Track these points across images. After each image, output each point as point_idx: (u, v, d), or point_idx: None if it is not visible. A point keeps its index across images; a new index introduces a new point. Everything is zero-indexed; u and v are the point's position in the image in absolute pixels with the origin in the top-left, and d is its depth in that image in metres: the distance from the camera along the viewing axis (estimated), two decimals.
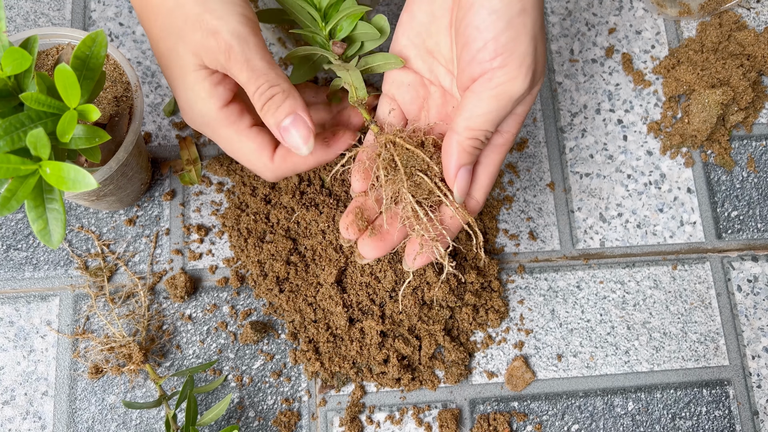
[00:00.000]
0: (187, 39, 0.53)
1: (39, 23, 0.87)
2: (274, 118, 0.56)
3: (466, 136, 0.56)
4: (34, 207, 0.50)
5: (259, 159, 0.59)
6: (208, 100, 0.55)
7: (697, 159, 0.88)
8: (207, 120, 0.57)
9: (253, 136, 0.58)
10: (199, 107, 0.56)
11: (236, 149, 0.59)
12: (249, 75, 0.55)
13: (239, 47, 0.54)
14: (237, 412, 0.77)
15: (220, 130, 0.57)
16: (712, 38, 0.90)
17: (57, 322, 0.78)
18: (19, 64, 0.49)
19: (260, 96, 0.55)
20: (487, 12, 0.51)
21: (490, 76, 0.53)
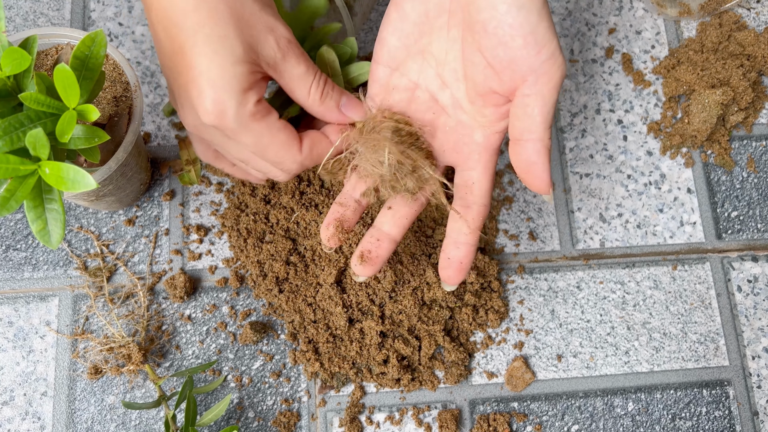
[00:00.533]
0: (245, 31, 0.54)
1: (38, 23, 0.87)
2: (334, 100, 0.60)
3: (548, 137, 0.55)
4: (34, 207, 0.50)
5: (289, 151, 0.59)
6: (248, 93, 0.55)
7: (697, 159, 0.88)
8: (242, 113, 0.55)
9: (283, 127, 0.58)
10: (238, 99, 0.55)
11: (267, 144, 0.58)
12: (307, 66, 0.57)
13: (295, 42, 0.56)
14: (236, 413, 0.77)
15: (252, 124, 0.56)
16: (712, 38, 0.90)
17: (56, 323, 0.78)
18: (18, 64, 0.49)
19: (318, 82, 0.58)
20: (517, 8, 0.51)
21: (543, 71, 0.52)
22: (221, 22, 0.52)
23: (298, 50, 0.57)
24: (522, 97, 0.54)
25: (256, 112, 0.55)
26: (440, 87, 0.60)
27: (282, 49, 0.55)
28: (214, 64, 0.53)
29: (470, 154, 0.60)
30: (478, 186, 0.60)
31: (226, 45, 0.53)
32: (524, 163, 0.55)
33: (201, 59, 0.53)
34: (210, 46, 0.53)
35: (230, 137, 0.57)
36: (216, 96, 0.53)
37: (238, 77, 0.53)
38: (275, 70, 0.56)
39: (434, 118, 0.61)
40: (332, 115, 0.60)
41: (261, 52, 0.54)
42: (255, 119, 0.55)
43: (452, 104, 0.60)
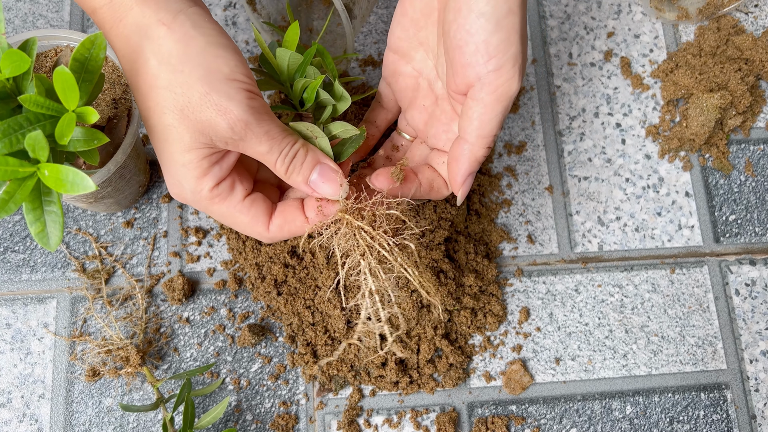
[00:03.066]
0: (192, 118, 0.51)
1: (37, 25, 0.87)
2: (301, 176, 0.57)
3: (480, 145, 0.57)
4: (32, 209, 0.50)
5: (254, 229, 0.59)
6: (202, 180, 0.55)
7: (695, 163, 0.88)
8: (199, 198, 0.56)
9: (246, 210, 0.58)
10: (192, 186, 0.55)
11: (231, 222, 0.59)
12: (270, 144, 0.54)
13: (256, 121, 0.53)
14: (234, 415, 0.77)
15: (212, 207, 0.57)
16: (710, 42, 0.90)
17: (54, 325, 0.78)
18: (18, 66, 0.48)
19: (283, 160, 0.56)
20: (476, 15, 0.52)
21: (488, 80, 0.54)
22: (166, 110, 0.52)
23: (259, 129, 0.54)
24: (468, 100, 0.56)
25: (214, 197, 0.56)
26: (435, 78, 0.64)
27: (238, 132, 0.52)
28: (165, 152, 0.54)
29: (447, 143, 0.64)
30: (444, 168, 0.64)
31: (173, 134, 0.52)
32: (452, 155, 0.59)
33: (155, 144, 0.54)
34: (158, 135, 0.53)
35: (202, 210, 0.59)
36: (172, 181, 0.55)
37: (188, 165, 0.54)
38: (236, 147, 0.54)
39: (429, 105, 0.65)
40: (301, 189, 0.58)
41: (214, 136, 0.53)
42: (214, 203, 0.56)
43: (442, 95, 0.64)
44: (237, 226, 0.59)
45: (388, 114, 0.70)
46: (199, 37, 0.51)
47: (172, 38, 0.50)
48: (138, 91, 0.53)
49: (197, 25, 0.51)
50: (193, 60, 0.51)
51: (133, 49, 0.52)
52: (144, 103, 0.53)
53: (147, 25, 0.51)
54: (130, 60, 0.52)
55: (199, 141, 0.52)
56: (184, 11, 0.52)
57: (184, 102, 0.51)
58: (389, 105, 0.69)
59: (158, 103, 0.52)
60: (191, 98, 0.51)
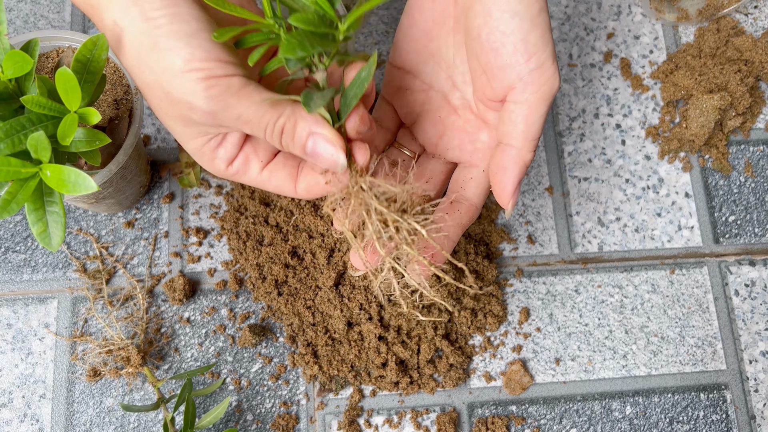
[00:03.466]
0: (172, 114, 0.50)
1: (39, 26, 0.87)
2: (298, 148, 0.52)
3: (528, 149, 0.54)
4: (34, 210, 0.50)
5: (282, 191, 0.56)
6: (214, 162, 0.54)
7: (695, 164, 0.89)
8: (222, 176, 0.56)
9: (266, 181, 0.56)
10: (211, 167, 0.55)
11: (258, 187, 0.58)
12: (250, 126, 0.51)
13: (222, 109, 0.49)
14: (235, 415, 0.77)
15: (237, 179, 0.56)
16: (710, 43, 0.90)
17: (55, 325, 0.78)
18: (20, 67, 0.49)
19: (271, 137, 0.51)
20: (509, 15, 0.50)
21: (530, 80, 0.52)
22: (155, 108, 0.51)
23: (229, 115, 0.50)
24: (509, 104, 0.53)
25: (233, 173, 0.55)
26: (451, 89, 0.60)
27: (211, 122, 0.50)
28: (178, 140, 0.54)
29: (474, 153, 0.59)
30: (475, 183, 0.59)
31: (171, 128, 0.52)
32: (496, 166, 0.55)
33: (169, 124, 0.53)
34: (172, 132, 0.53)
35: None
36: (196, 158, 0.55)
37: (196, 153, 0.54)
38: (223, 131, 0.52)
39: (445, 117, 0.60)
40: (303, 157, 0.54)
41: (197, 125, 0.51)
42: (236, 177, 0.55)
43: (462, 105, 0.60)
44: (265, 189, 0.58)
45: (387, 134, 0.65)
46: (151, 31, 0.48)
47: (126, 39, 0.48)
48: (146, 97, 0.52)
49: (147, 17, 0.47)
50: (147, 60, 0.48)
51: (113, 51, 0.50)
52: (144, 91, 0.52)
53: (108, 29, 0.49)
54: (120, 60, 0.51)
55: (190, 132, 0.52)
56: (136, 2, 0.48)
57: (158, 102, 0.50)
58: (389, 125, 0.64)
59: (149, 102, 0.51)
60: (161, 99, 0.49)
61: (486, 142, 0.59)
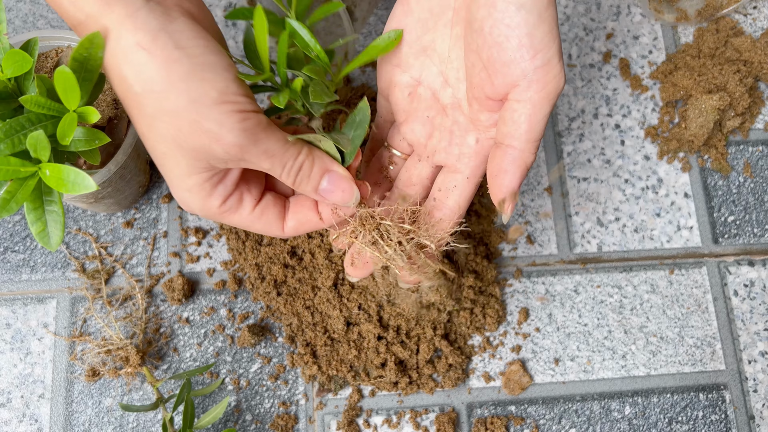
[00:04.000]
0: (187, 146, 0.49)
1: (38, 25, 0.87)
2: (310, 186, 0.54)
3: (530, 151, 0.52)
4: (34, 209, 0.50)
5: (268, 233, 0.57)
6: (208, 200, 0.52)
7: (694, 164, 0.89)
8: (209, 214, 0.54)
9: (257, 219, 0.55)
10: (200, 206, 0.53)
11: (247, 227, 0.57)
12: (271, 162, 0.51)
13: (252, 143, 0.49)
14: (234, 415, 0.77)
15: (224, 219, 0.55)
16: (709, 44, 0.91)
17: (54, 325, 0.78)
18: (19, 66, 0.49)
19: (288, 173, 0.52)
20: (515, 8, 0.48)
21: (535, 77, 0.49)
22: (159, 139, 0.49)
23: (257, 149, 0.50)
24: (511, 102, 0.51)
25: (224, 212, 0.53)
26: (442, 85, 0.57)
27: (234, 156, 0.49)
28: (167, 177, 0.52)
29: (460, 157, 0.57)
30: (458, 192, 0.58)
31: (170, 161, 0.50)
32: (495, 168, 0.53)
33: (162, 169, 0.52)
34: (157, 160, 0.51)
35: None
36: (180, 201, 0.53)
37: (192, 190, 0.51)
38: (236, 165, 0.51)
39: (433, 116, 0.58)
40: (314, 197, 0.56)
41: (211, 159, 0.50)
42: (224, 216, 0.54)
43: (452, 104, 0.57)
44: (252, 229, 0.57)
45: (384, 133, 0.64)
46: (184, 60, 0.47)
47: (153, 64, 0.46)
48: (130, 115, 0.50)
49: (180, 46, 0.47)
50: (178, 87, 0.47)
51: (117, 75, 0.48)
52: (138, 128, 0.50)
53: (125, 49, 0.46)
54: (117, 84, 0.49)
55: (197, 166, 0.50)
56: (166, 29, 0.47)
57: (175, 131, 0.48)
58: (388, 125, 0.63)
59: (150, 130, 0.49)
60: (181, 128, 0.48)
61: (473, 147, 0.57)
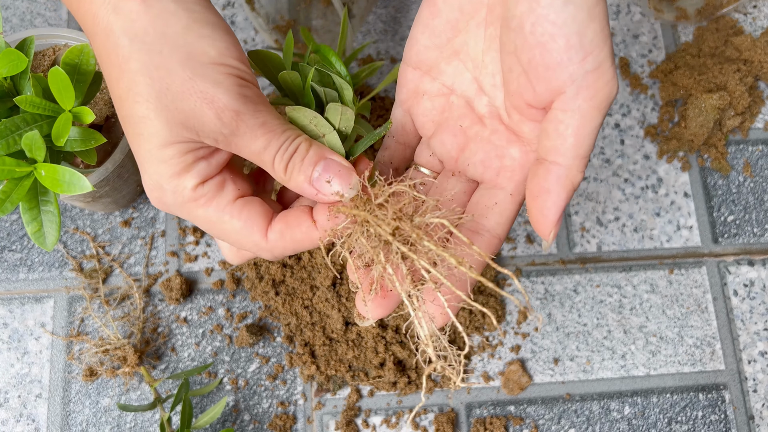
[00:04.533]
0: (172, 108, 0.43)
1: (35, 24, 0.86)
2: (303, 174, 0.46)
3: (578, 168, 0.45)
4: (29, 209, 0.50)
5: (248, 238, 0.48)
6: (183, 176, 0.46)
7: (694, 163, 0.88)
8: (181, 200, 0.46)
9: (237, 212, 0.47)
10: (172, 185, 0.46)
11: (220, 230, 0.48)
12: (268, 138, 0.45)
13: (249, 111, 0.45)
14: (232, 416, 0.77)
15: (196, 211, 0.47)
16: (709, 43, 0.90)
17: (51, 324, 0.78)
18: (15, 65, 0.48)
19: (282, 156, 0.46)
20: (562, 3, 0.41)
21: (585, 83, 0.43)
22: (140, 99, 0.44)
23: (254, 120, 0.45)
24: (556, 112, 0.44)
25: (198, 197, 0.46)
26: (477, 93, 0.51)
27: (228, 123, 0.44)
28: (141, 148, 0.46)
29: (501, 171, 0.50)
30: (499, 210, 0.49)
31: (148, 127, 0.44)
32: (536, 187, 0.46)
33: (129, 138, 0.46)
34: (132, 128, 0.45)
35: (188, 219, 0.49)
36: (149, 181, 0.46)
37: (167, 161, 0.45)
38: (226, 144, 0.45)
39: (468, 127, 0.51)
40: (304, 191, 0.47)
41: (200, 129, 0.44)
42: (198, 204, 0.47)
43: (489, 113, 0.50)
44: (227, 235, 0.48)
45: (407, 150, 0.55)
46: (182, 13, 0.43)
47: (147, 14, 0.43)
48: (108, 76, 0.45)
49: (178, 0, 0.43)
50: (174, 40, 0.43)
51: (102, 28, 0.44)
52: (115, 90, 0.45)
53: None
54: (98, 41, 0.45)
55: (182, 135, 0.44)
56: None
57: (162, 88, 0.43)
58: (408, 139, 0.54)
59: (130, 89, 0.44)
60: (170, 84, 0.43)
61: (517, 160, 0.49)
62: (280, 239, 0.48)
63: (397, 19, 0.90)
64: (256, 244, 0.48)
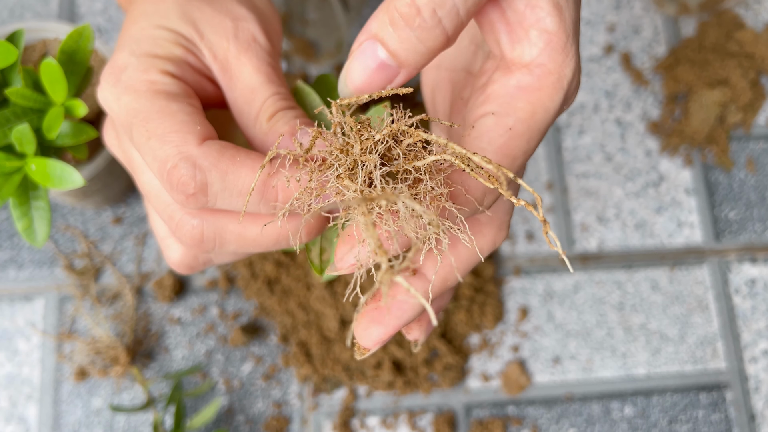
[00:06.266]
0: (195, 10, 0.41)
1: (25, 17, 0.85)
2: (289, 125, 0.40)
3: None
4: (19, 205, 0.49)
5: (177, 134, 0.37)
6: (160, 59, 0.40)
7: (696, 159, 0.88)
8: (138, 78, 0.39)
9: (176, 107, 0.39)
10: (142, 62, 0.40)
11: (141, 135, 0.38)
12: (271, 79, 0.41)
13: (264, 47, 0.42)
14: (226, 417, 0.76)
15: (140, 98, 0.39)
16: (711, 37, 0.90)
17: (42, 324, 0.77)
18: (4, 58, 0.47)
19: (275, 102, 0.41)
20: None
21: None
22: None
23: (265, 56, 0.42)
24: None
25: (156, 81, 0.39)
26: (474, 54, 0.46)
27: (239, 41, 0.41)
28: (137, 25, 0.41)
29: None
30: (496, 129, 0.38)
31: (159, 7, 0.41)
32: None
33: (128, 21, 0.42)
34: (142, 6, 0.42)
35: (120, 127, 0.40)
36: (120, 56, 0.40)
37: (152, 39, 0.40)
38: (222, 69, 0.41)
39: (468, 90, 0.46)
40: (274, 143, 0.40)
41: (207, 35, 0.41)
42: (139, 93, 0.39)
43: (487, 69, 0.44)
44: (147, 141, 0.38)
45: None
46: None
47: None
48: None
49: None
50: None
51: None
52: None
53: None
54: None
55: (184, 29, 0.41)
56: None
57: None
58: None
59: None
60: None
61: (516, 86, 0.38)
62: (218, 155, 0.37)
63: None
64: (180, 142, 0.37)
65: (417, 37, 0.34)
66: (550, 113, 0.37)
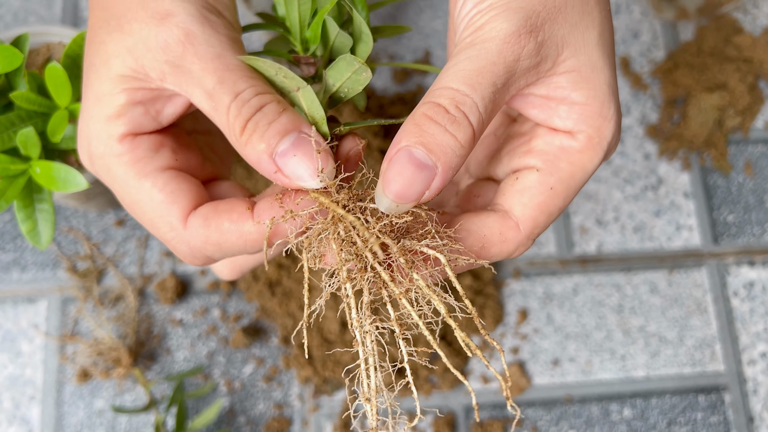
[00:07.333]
0: (125, 29, 0.37)
1: (29, 21, 0.86)
2: (264, 141, 0.36)
3: None
4: (24, 207, 0.49)
5: (164, 218, 0.39)
6: (113, 121, 0.38)
7: (694, 163, 0.88)
8: (103, 151, 0.38)
9: (162, 182, 0.38)
10: (98, 129, 0.38)
11: (134, 201, 0.39)
12: (220, 77, 0.37)
13: (203, 35, 0.37)
14: (228, 418, 0.76)
15: (116, 168, 0.38)
16: (709, 42, 0.90)
17: (45, 325, 0.77)
18: (9, 62, 0.48)
19: (239, 108, 0.36)
20: None
21: None
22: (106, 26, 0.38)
23: (207, 49, 0.37)
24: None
25: (122, 152, 0.38)
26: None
27: (172, 48, 0.37)
28: (87, 82, 0.40)
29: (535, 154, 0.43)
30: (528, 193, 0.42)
31: (100, 55, 0.38)
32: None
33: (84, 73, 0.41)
34: (89, 57, 0.40)
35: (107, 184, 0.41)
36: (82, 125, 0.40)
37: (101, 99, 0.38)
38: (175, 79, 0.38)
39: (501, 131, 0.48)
40: (261, 165, 0.37)
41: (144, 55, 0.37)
42: (120, 161, 0.38)
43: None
44: (141, 209, 0.39)
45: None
46: None
47: None
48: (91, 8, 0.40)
49: None
50: None
51: None
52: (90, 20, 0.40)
53: None
54: None
55: (125, 65, 0.37)
56: None
57: (123, 9, 0.37)
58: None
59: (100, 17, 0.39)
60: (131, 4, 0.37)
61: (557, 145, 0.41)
62: (202, 227, 0.38)
63: (395, 17, 0.89)
64: (171, 228, 0.38)
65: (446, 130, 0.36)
66: (589, 173, 0.40)
